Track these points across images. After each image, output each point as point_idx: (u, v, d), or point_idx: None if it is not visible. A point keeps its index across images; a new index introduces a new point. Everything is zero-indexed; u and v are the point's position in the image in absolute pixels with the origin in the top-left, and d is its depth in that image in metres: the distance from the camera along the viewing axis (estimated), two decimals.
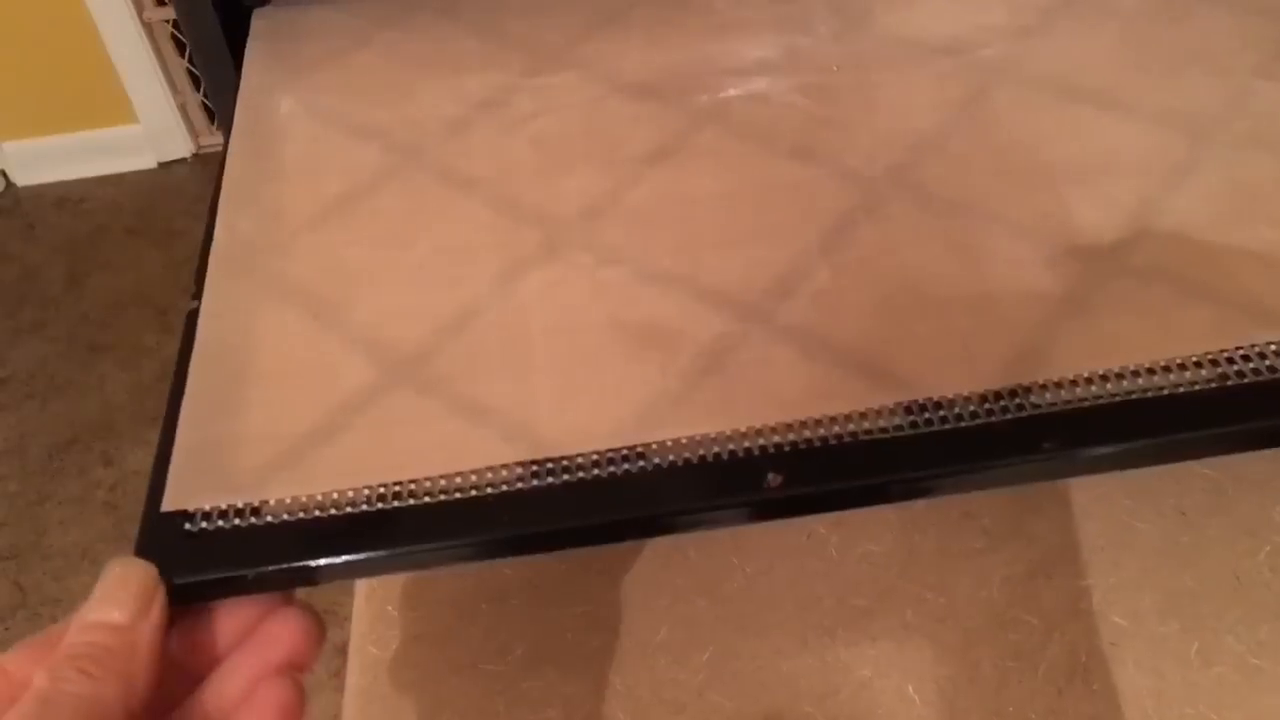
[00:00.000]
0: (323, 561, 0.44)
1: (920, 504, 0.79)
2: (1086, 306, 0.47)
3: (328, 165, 0.58)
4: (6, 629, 1.88)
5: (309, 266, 0.54)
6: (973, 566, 0.78)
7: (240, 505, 0.45)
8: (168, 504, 0.45)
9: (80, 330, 2.34)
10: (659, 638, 0.79)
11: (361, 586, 0.84)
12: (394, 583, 0.84)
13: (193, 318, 0.52)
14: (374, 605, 0.82)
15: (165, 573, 0.43)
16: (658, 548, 0.83)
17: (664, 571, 0.80)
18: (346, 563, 0.44)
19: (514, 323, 0.50)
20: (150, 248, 2.49)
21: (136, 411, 2.32)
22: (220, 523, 0.44)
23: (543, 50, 0.64)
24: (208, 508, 0.44)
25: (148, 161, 2.59)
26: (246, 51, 0.63)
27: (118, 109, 2.51)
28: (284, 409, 0.48)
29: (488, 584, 0.82)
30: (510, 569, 0.82)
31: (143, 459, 2.26)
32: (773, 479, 0.44)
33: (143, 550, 0.44)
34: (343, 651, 2.01)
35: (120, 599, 0.40)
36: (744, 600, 0.79)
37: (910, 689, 0.74)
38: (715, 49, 0.62)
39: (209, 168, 2.57)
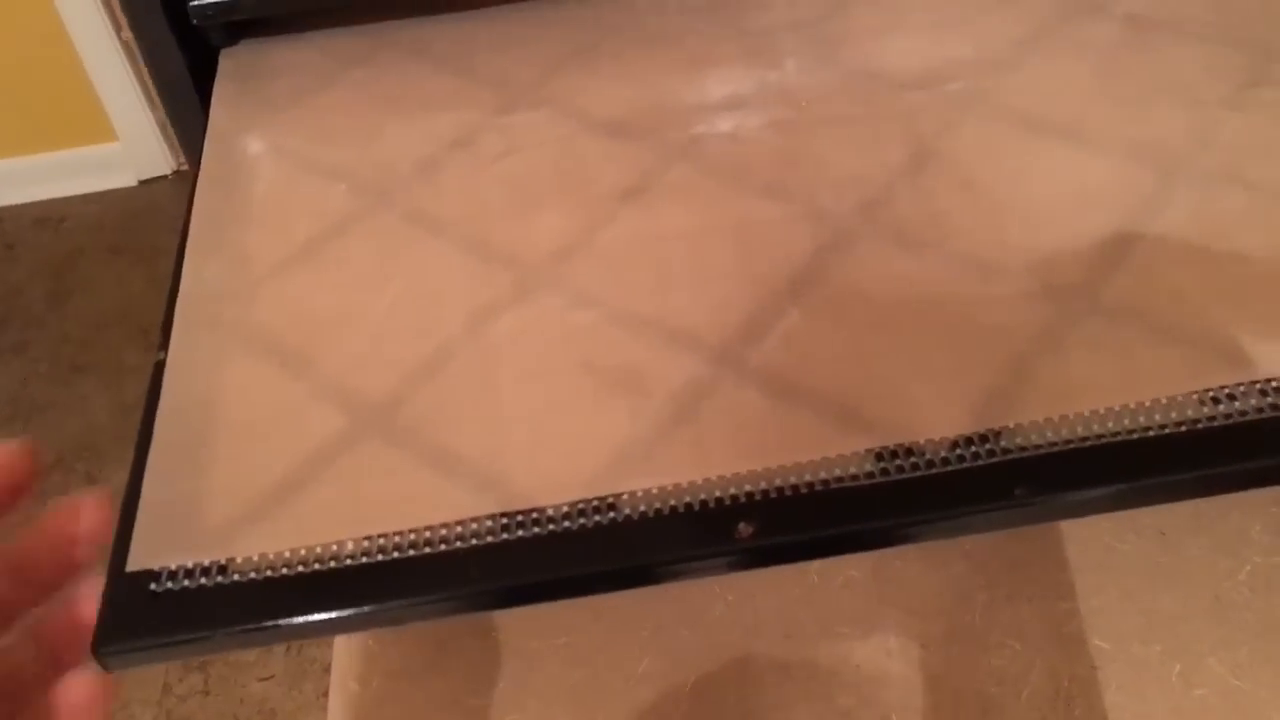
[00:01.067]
0: (293, 621, 0.43)
1: None
2: (1058, 347, 0.47)
3: (295, 208, 0.57)
4: None
5: (276, 314, 0.53)
6: (954, 590, 0.78)
7: (207, 564, 0.44)
8: (133, 563, 0.44)
9: (62, 350, 2.33)
10: (641, 668, 0.78)
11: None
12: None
13: (159, 369, 0.52)
14: (355, 640, 0.82)
15: (130, 635, 0.42)
16: None
17: (646, 602, 0.80)
18: (318, 621, 0.44)
19: (484, 369, 0.50)
20: (132, 266, 2.48)
21: (120, 431, 2.31)
22: (186, 582, 0.44)
23: (513, 87, 0.63)
24: (174, 566, 0.44)
25: (128, 179, 2.58)
26: (214, 91, 0.63)
27: (97, 127, 2.50)
28: (251, 462, 0.48)
29: (469, 618, 0.81)
30: None
31: (126, 479, 2.21)
32: (743, 529, 0.43)
33: (107, 611, 0.43)
34: (329, 671, 1.98)
35: None
36: (726, 629, 0.79)
37: (894, 717, 0.74)
38: (685, 84, 0.62)
39: (189, 185, 2.55)
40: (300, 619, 0.44)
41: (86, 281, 2.41)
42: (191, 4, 0.62)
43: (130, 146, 2.53)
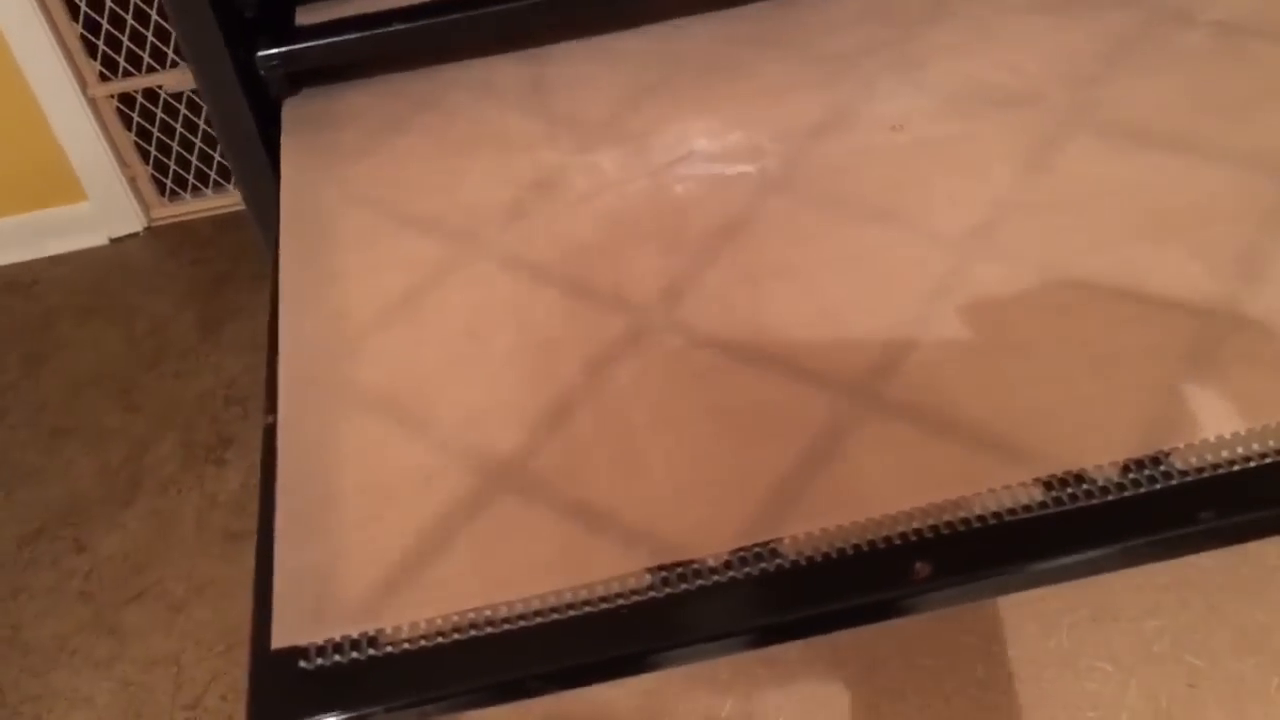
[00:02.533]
0: (457, 690, 0.41)
1: None
2: (1211, 364, 0.46)
3: (386, 260, 0.55)
4: None
5: (383, 370, 0.51)
6: (1035, 613, 0.77)
7: (356, 636, 0.42)
8: (278, 640, 0.42)
9: (41, 415, 2.27)
10: (724, 713, 0.76)
11: None
12: None
13: (270, 432, 0.49)
14: None
15: (287, 717, 0.40)
16: None
17: None
18: (482, 690, 0.41)
19: (612, 416, 0.48)
20: (108, 326, 2.43)
21: (106, 495, 2.26)
22: (337, 657, 0.42)
23: (589, 124, 0.62)
24: (321, 642, 0.42)
25: (99, 239, 2.53)
26: (282, 143, 0.61)
27: (65, 187, 2.46)
28: (383, 526, 0.45)
29: None
30: None
31: (116, 543, 2.19)
32: (920, 568, 0.42)
33: (257, 694, 0.41)
34: None
35: None
36: (806, 668, 0.77)
37: None
38: (768, 113, 0.61)
39: (163, 241, 2.51)
40: (463, 688, 0.41)
41: (62, 344, 2.36)
42: (259, 54, 0.60)
43: (100, 205, 2.49)
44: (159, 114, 2.38)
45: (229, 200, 2.43)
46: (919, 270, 0.52)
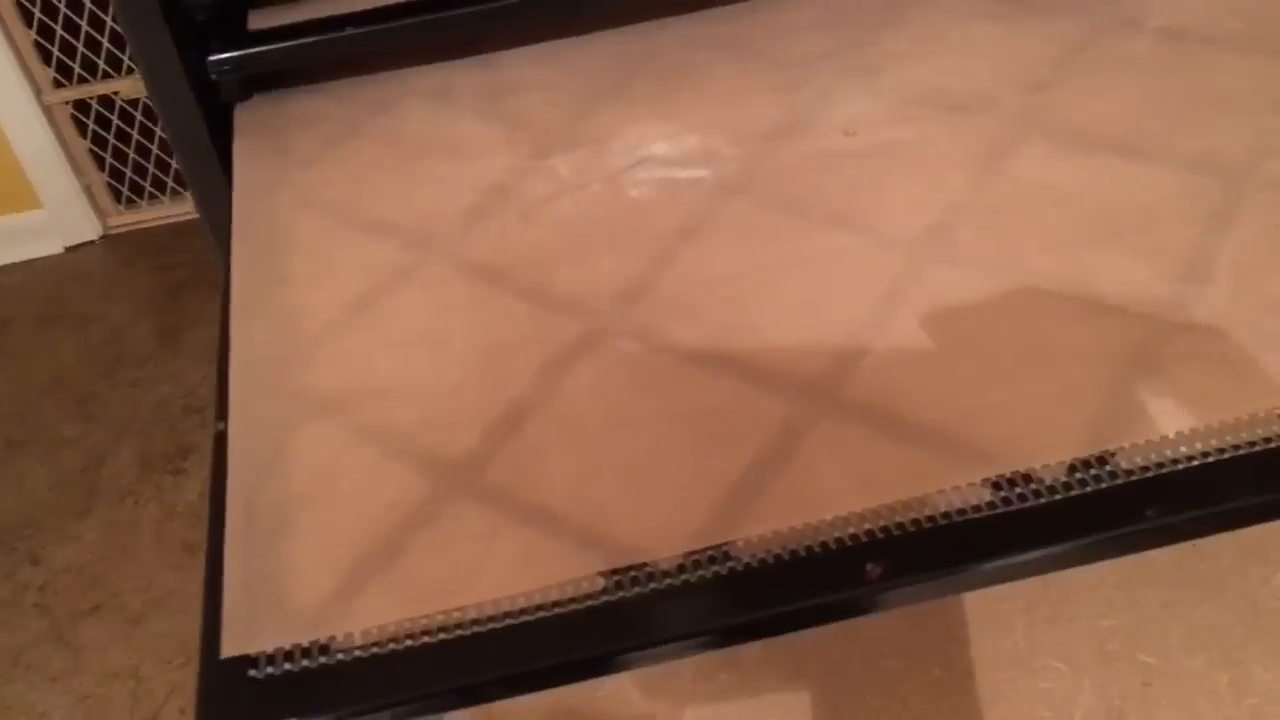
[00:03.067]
0: (408, 697, 0.41)
1: None
2: (1155, 364, 0.46)
3: (340, 265, 0.55)
4: None
5: (336, 375, 0.51)
6: (992, 614, 0.77)
7: (306, 644, 0.41)
8: (227, 649, 0.41)
9: None
10: (686, 715, 0.76)
11: None
12: None
13: (221, 439, 0.49)
14: None
15: None
16: None
17: None
18: (435, 696, 0.41)
19: (567, 420, 0.48)
20: (63, 335, 2.40)
21: (61, 507, 2.23)
22: (288, 665, 0.41)
23: (545, 129, 0.62)
24: (271, 650, 0.41)
25: (54, 247, 2.50)
26: (235, 148, 0.60)
27: (19, 195, 2.42)
28: (335, 533, 0.45)
29: None
30: None
31: (71, 555, 2.16)
32: (872, 569, 0.42)
33: (207, 704, 0.40)
34: None
35: None
36: (767, 669, 0.77)
37: None
38: (724, 118, 0.61)
39: (119, 249, 2.49)
40: (416, 694, 0.41)
41: (16, 353, 2.32)
42: (210, 58, 0.59)
43: (55, 213, 2.46)
44: (115, 121, 2.35)
45: (187, 207, 2.41)
46: (873, 273, 0.53)
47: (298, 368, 0.51)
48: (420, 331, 0.52)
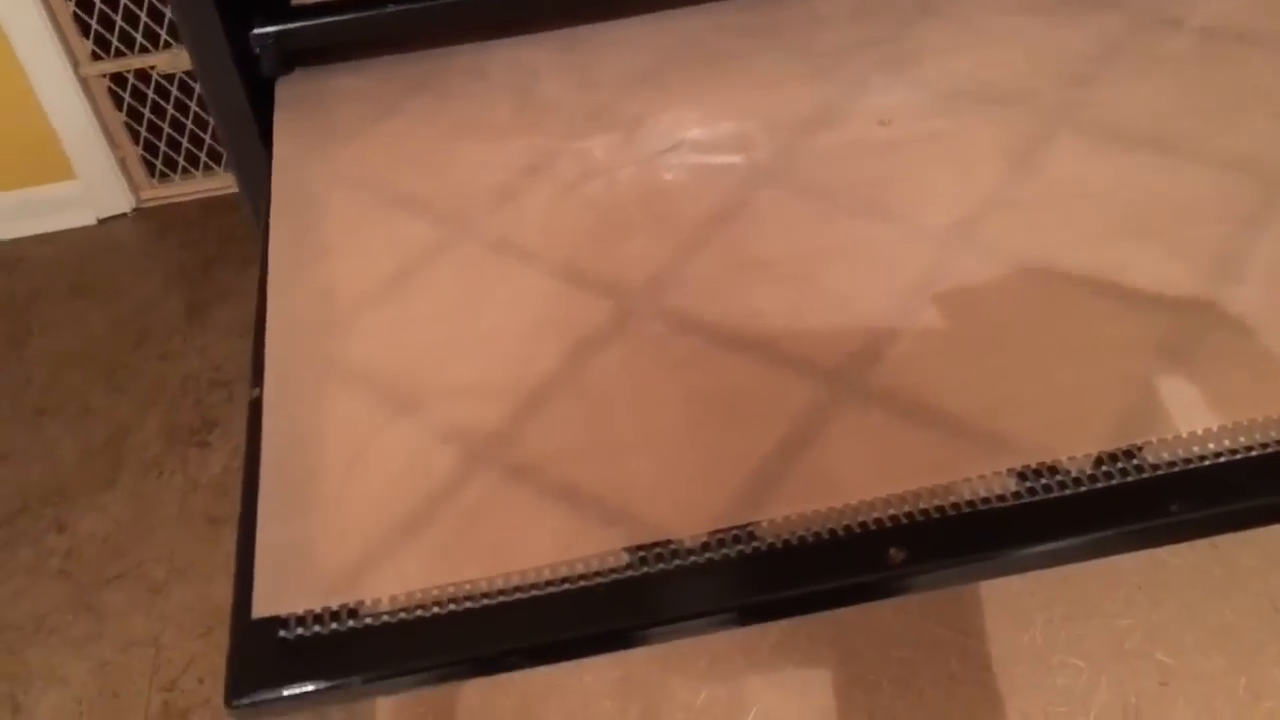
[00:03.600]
0: (432, 663, 0.42)
1: None
2: (1186, 360, 0.46)
3: (375, 240, 0.56)
4: None
5: (370, 348, 0.51)
6: (1010, 610, 0.78)
7: (336, 608, 0.42)
8: (258, 610, 0.42)
9: (24, 394, 2.27)
10: (700, 701, 0.77)
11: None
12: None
13: (256, 406, 0.50)
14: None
15: (263, 685, 0.40)
16: None
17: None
18: (458, 663, 0.42)
19: (596, 399, 0.49)
20: (93, 307, 2.42)
21: (88, 475, 2.26)
22: (317, 628, 0.42)
23: (580, 112, 0.62)
24: (300, 612, 0.42)
25: (87, 218, 2.52)
26: (275, 122, 0.61)
27: (54, 166, 2.45)
28: (366, 500, 0.46)
29: None
30: None
31: (96, 524, 2.19)
32: (895, 554, 0.42)
33: (237, 662, 0.41)
34: (319, 716, 1.95)
35: None
36: (783, 657, 0.77)
37: None
38: (758, 105, 0.61)
39: (151, 222, 2.50)
40: (440, 661, 0.42)
41: (46, 323, 2.35)
42: (253, 32, 0.60)
43: (89, 185, 2.48)
44: (150, 95, 2.37)
45: (218, 183, 2.42)
46: (903, 262, 0.53)
47: (332, 338, 0.52)
48: (452, 307, 0.53)
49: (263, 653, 0.41)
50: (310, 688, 0.41)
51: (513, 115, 0.62)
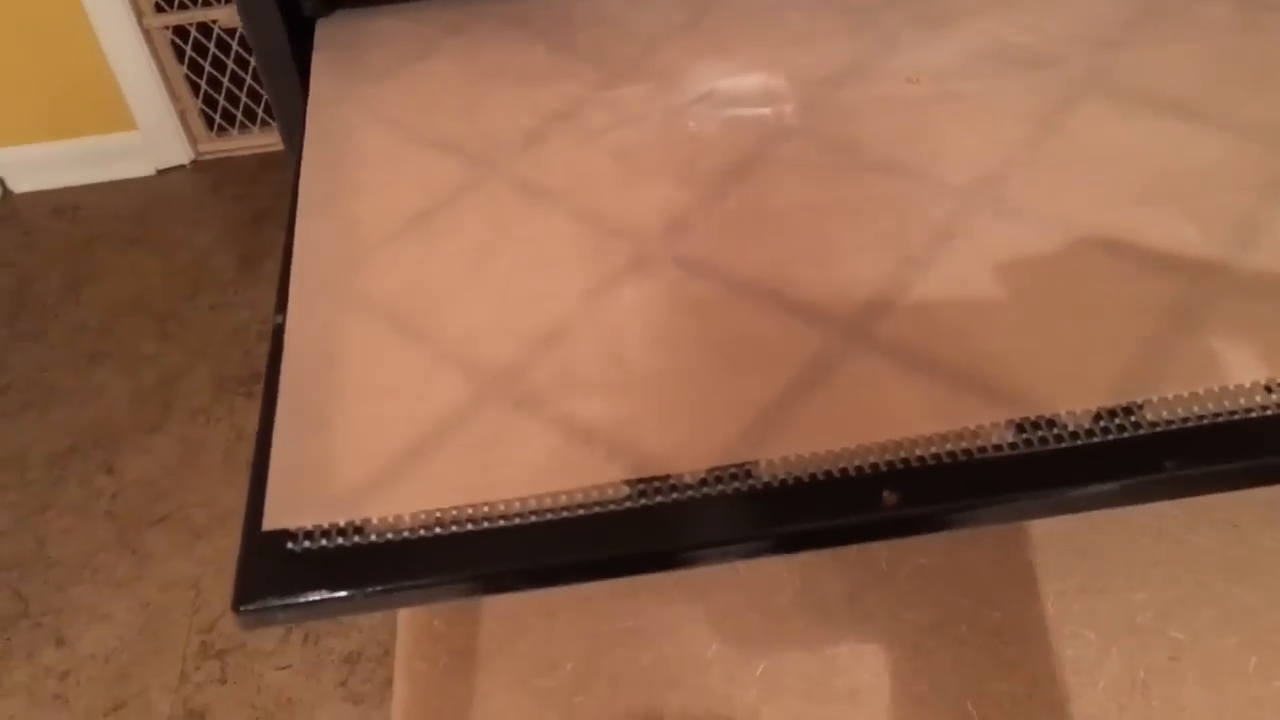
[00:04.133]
0: (431, 581, 0.43)
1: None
2: (1195, 323, 0.47)
3: (403, 178, 0.57)
4: (8, 639, 1.86)
5: (392, 281, 0.53)
6: (1026, 580, 0.78)
7: (343, 524, 0.44)
8: (269, 523, 0.44)
9: (79, 338, 2.32)
10: (711, 653, 0.78)
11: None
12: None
13: (279, 331, 0.51)
14: (419, 620, 0.81)
15: (269, 593, 0.42)
16: None
17: (714, 586, 0.79)
18: (455, 582, 0.43)
19: (608, 338, 0.50)
20: (148, 256, 2.47)
21: (137, 420, 2.30)
22: (323, 542, 0.43)
23: (613, 61, 0.63)
24: (309, 526, 0.43)
25: (146, 169, 2.56)
26: (313, 61, 0.62)
27: (116, 116, 2.49)
28: (378, 426, 0.47)
29: (535, 599, 0.81)
30: None
31: (143, 467, 2.23)
32: (888, 497, 0.43)
33: (246, 570, 0.43)
34: (349, 661, 2.00)
35: None
36: (796, 615, 0.78)
37: (969, 704, 0.73)
38: (788, 59, 0.62)
39: (207, 175, 2.54)
40: (437, 580, 0.43)
41: (102, 270, 2.39)
42: None
43: (149, 136, 2.52)
44: (211, 49, 2.40)
45: (274, 139, 2.45)
46: (921, 218, 0.53)
47: (356, 270, 0.53)
48: (474, 245, 0.54)
49: (270, 563, 0.43)
50: (313, 598, 0.42)
51: (546, 62, 0.62)
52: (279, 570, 0.43)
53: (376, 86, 0.60)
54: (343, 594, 0.42)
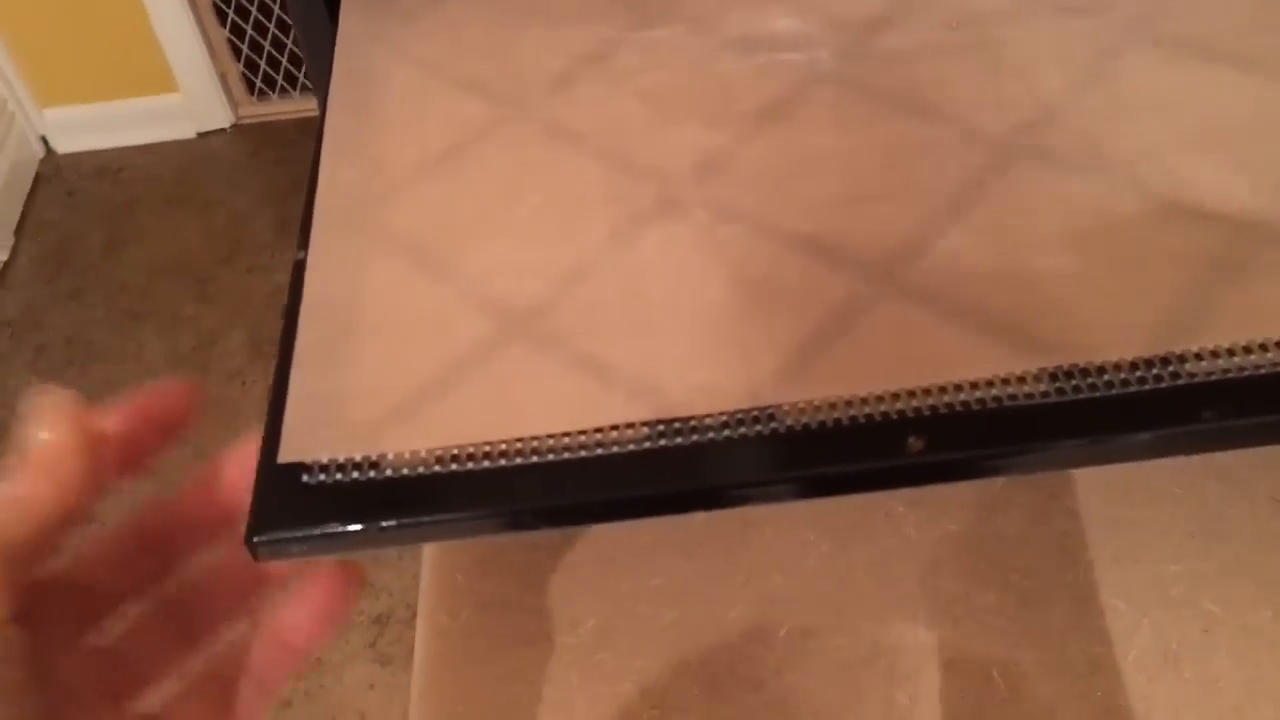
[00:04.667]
0: (445, 518, 0.42)
1: (1001, 481, 0.78)
2: (1238, 274, 0.45)
3: (430, 117, 0.56)
4: None
5: (415, 219, 0.52)
6: (1058, 549, 0.76)
7: (359, 459, 0.43)
8: (284, 455, 0.43)
9: (119, 298, 2.34)
10: (734, 614, 0.77)
11: (429, 554, 0.83)
12: (462, 550, 0.82)
13: (299, 268, 0.51)
14: (442, 573, 0.81)
15: (282, 525, 0.41)
16: (732, 522, 0.81)
17: (739, 547, 0.78)
18: (469, 519, 0.43)
19: (633, 278, 0.49)
20: (188, 218, 2.48)
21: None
22: (338, 475, 0.43)
23: (645, 3, 0.62)
24: (325, 460, 0.43)
25: (187, 131, 2.58)
26: (343, 2, 0.62)
27: (158, 78, 2.51)
28: (397, 362, 0.47)
29: (558, 554, 0.80)
30: (581, 539, 0.80)
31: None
32: (914, 443, 0.42)
33: (259, 501, 0.42)
34: (378, 622, 2.00)
35: (45, 421, 0.40)
36: (821, 578, 0.77)
37: (995, 673, 0.72)
38: (826, 4, 0.60)
39: (248, 139, 2.56)
40: (452, 517, 0.43)
41: (143, 231, 2.42)
42: None
43: (190, 98, 2.54)
44: (254, 12, 2.41)
45: (314, 104, 2.45)
46: (956, 164, 0.52)
47: (378, 208, 0.52)
48: (499, 185, 0.53)
49: (284, 495, 0.43)
50: (326, 530, 0.42)
51: (577, 4, 0.61)
52: (293, 503, 0.42)
53: (406, 27, 0.59)
54: (357, 527, 0.42)
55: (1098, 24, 0.57)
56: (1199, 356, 0.43)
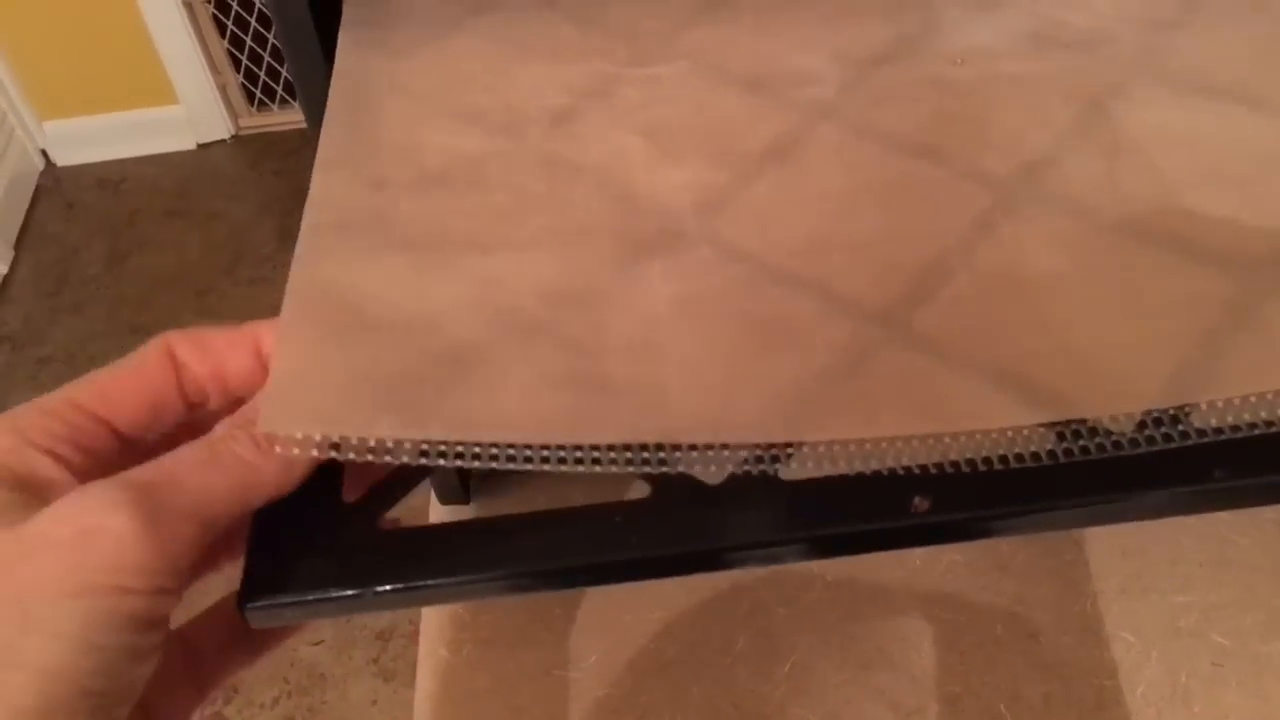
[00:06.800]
0: (444, 581, 0.41)
1: None
2: (1252, 319, 0.44)
3: (427, 145, 0.55)
4: None
5: (412, 227, 0.51)
6: (1065, 580, 0.75)
7: (336, 439, 0.42)
8: (263, 425, 0.42)
9: (120, 310, 2.33)
10: (738, 647, 0.76)
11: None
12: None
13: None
14: (444, 608, 0.80)
15: (278, 592, 0.41)
16: None
17: (742, 579, 0.78)
18: (466, 583, 0.42)
19: (633, 304, 0.48)
20: (189, 229, 2.48)
21: None
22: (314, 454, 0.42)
23: (646, 39, 0.61)
24: (299, 436, 0.42)
25: (187, 143, 2.57)
26: (340, 34, 0.61)
27: (158, 90, 2.50)
28: (385, 361, 0.45)
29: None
30: None
31: None
32: (919, 503, 0.41)
33: (254, 567, 0.41)
34: (381, 638, 2.00)
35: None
36: (825, 611, 0.76)
37: (1002, 707, 0.71)
38: (829, 39, 0.59)
39: (248, 150, 2.55)
40: (450, 580, 0.42)
41: (144, 243, 2.41)
42: None
43: (191, 110, 2.53)
44: (253, 24, 2.40)
45: None
46: (963, 205, 0.51)
47: (373, 215, 0.51)
48: (496, 209, 0.52)
49: (279, 558, 0.42)
50: (323, 596, 0.41)
51: (578, 40, 0.60)
52: (288, 566, 0.41)
53: (403, 61, 0.58)
54: (352, 592, 0.41)
55: (1103, 58, 0.56)
56: (1208, 411, 0.42)
